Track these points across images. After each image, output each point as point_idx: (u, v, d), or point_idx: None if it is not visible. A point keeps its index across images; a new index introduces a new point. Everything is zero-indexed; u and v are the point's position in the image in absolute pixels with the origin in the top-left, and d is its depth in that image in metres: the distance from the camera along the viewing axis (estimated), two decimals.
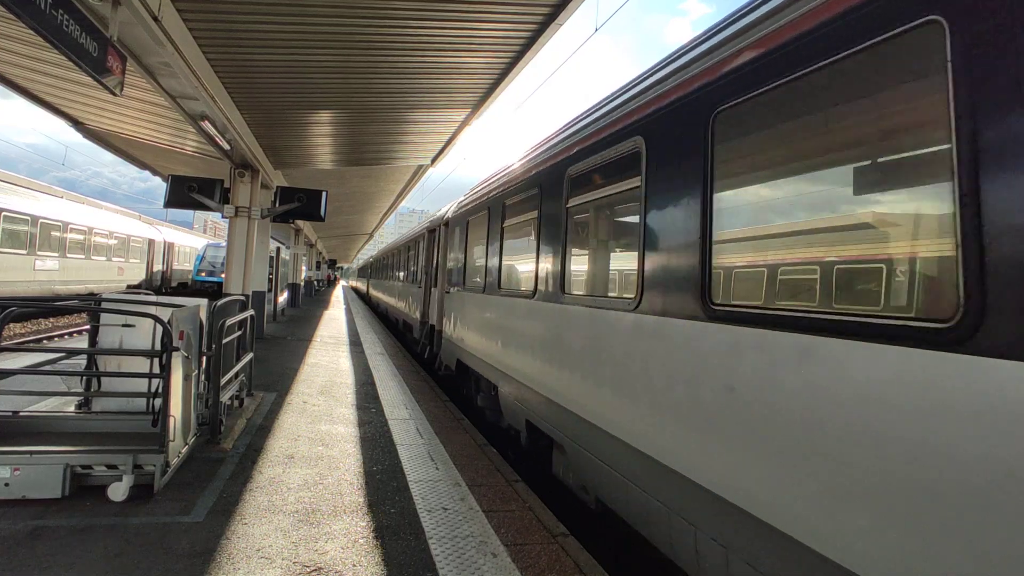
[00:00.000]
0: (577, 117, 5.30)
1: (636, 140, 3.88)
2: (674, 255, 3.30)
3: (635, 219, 3.85)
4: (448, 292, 9.93)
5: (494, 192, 7.52)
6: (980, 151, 1.79)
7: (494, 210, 7.38)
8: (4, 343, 4.68)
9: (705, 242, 3.02)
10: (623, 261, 4.60)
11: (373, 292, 34.03)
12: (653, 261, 3.53)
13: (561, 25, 7.45)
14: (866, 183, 2.46)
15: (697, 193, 3.12)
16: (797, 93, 2.66)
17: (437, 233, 12.16)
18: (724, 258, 3.09)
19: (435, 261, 12.12)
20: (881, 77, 2.33)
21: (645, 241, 3.63)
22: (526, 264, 6.17)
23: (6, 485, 4.04)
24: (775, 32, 2.75)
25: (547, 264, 5.38)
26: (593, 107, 4.97)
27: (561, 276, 5.07)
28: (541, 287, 5.50)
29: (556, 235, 5.18)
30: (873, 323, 2.08)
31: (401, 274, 18.62)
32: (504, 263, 7.01)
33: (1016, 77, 1.74)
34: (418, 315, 13.60)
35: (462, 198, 10.12)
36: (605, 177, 4.47)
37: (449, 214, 10.83)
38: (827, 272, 2.67)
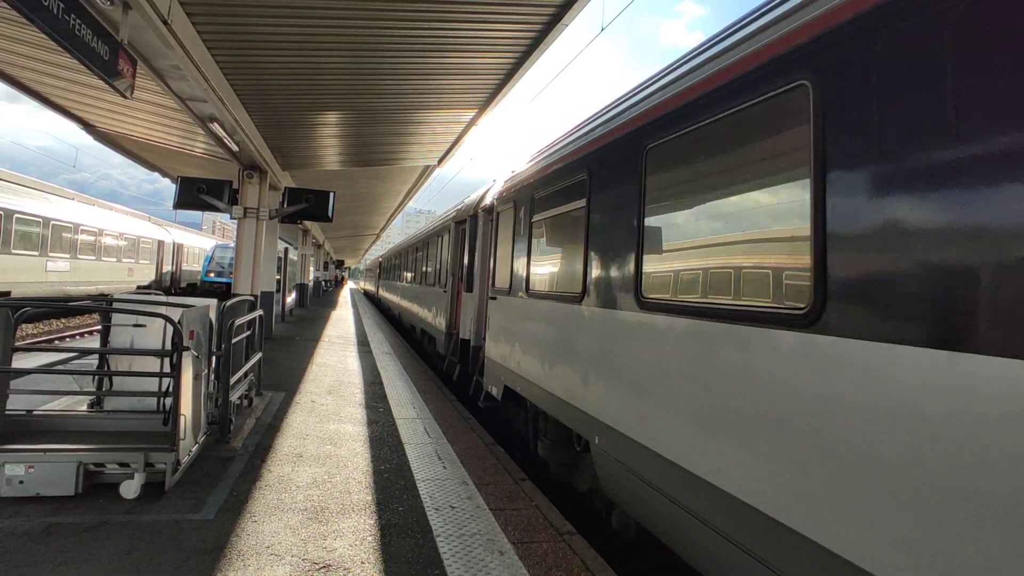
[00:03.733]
0: None
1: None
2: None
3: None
4: (493, 299, 7.70)
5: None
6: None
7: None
8: (17, 343, 4.75)
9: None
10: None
11: (385, 295, 30.72)
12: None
13: (567, 26, 7.45)
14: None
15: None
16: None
17: (468, 225, 10.23)
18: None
19: (466, 259, 10.24)
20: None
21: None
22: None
23: (21, 483, 4.11)
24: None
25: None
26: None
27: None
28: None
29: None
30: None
31: (419, 275, 16.36)
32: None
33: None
34: (443, 325, 11.60)
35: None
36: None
37: (491, 198, 8.63)
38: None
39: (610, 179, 4.50)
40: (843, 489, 2.24)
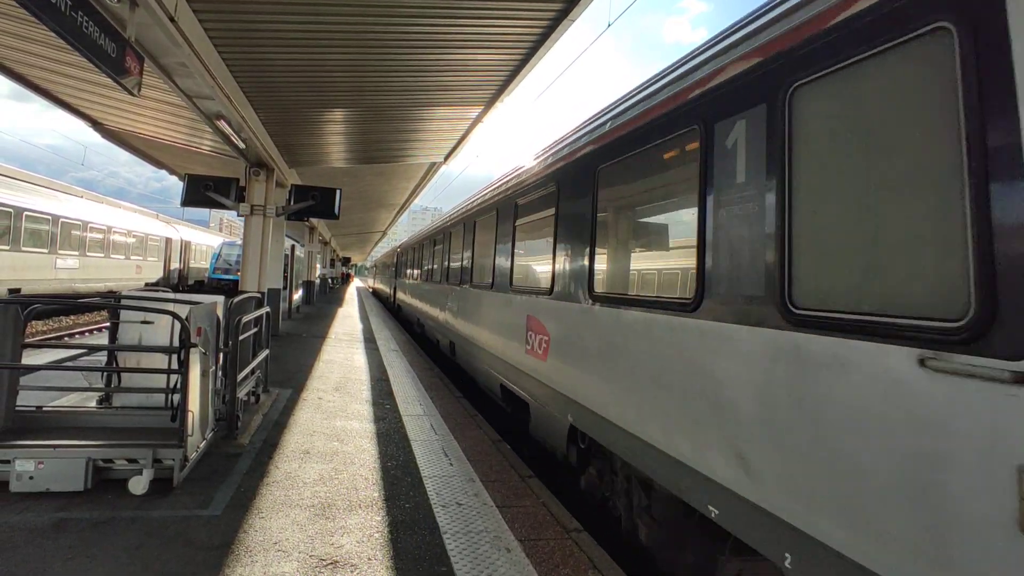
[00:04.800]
0: None
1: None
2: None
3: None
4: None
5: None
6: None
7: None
8: (27, 340, 4.78)
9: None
10: None
11: (405, 299, 21.81)
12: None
13: (573, 21, 7.42)
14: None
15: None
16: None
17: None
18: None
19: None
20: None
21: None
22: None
23: (31, 478, 4.14)
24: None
25: None
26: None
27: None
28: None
29: None
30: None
31: (482, 272, 8.85)
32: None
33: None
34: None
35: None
36: None
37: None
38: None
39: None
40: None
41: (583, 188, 5.11)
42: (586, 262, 4.90)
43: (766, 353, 2.81)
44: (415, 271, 18.61)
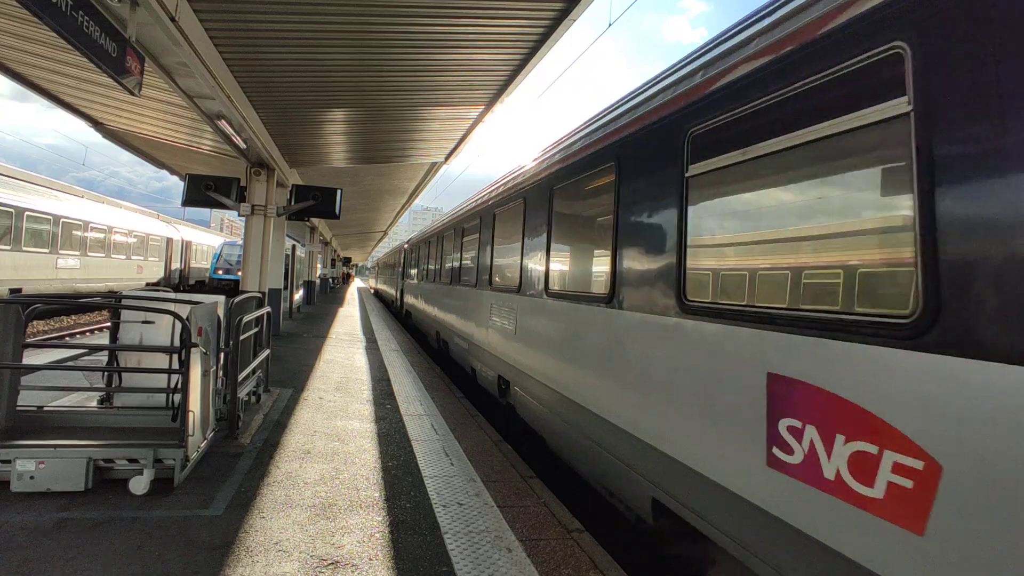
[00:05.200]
0: None
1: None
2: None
3: None
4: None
5: None
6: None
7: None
8: (28, 340, 4.78)
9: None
10: None
11: (417, 305, 17.23)
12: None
13: (575, 21, 7.41)
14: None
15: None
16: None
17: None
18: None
19: None
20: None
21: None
22: None
23: (31, 478, 4.14)
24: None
25: None
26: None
27: None
28: None
29: None
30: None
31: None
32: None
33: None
34: None
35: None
36: None
37: None
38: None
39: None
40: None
41: None
42: None
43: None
44: (435, 269, 13.99)
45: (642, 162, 4.21)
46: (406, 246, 22.06)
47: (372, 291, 54.88)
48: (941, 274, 2.10)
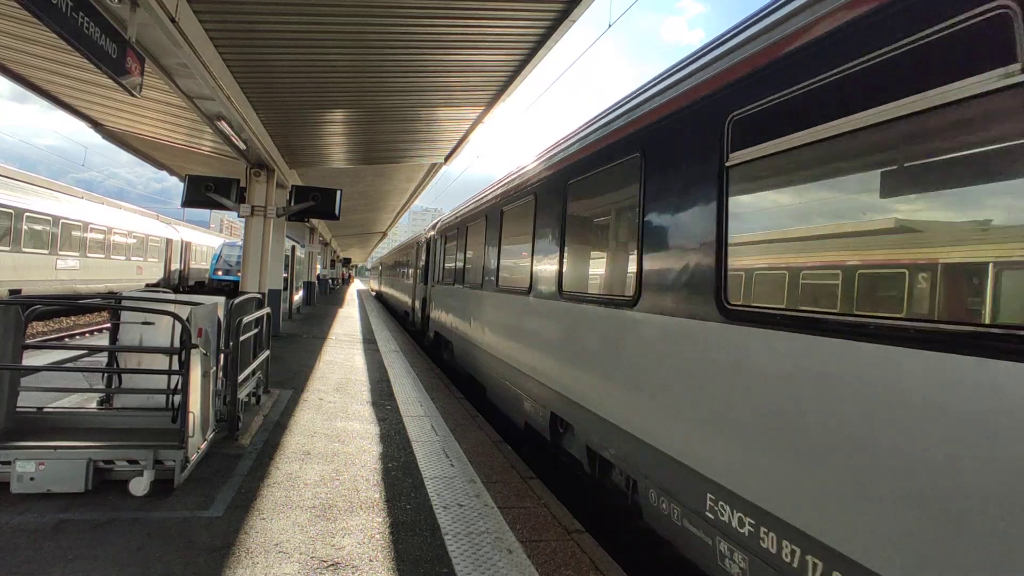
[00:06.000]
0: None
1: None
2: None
3: None
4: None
5: None
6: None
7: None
8: (28, 341, 4.78)
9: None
10: None
11: (457, 328, 10.77)
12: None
13: (575, 22, 7.42)
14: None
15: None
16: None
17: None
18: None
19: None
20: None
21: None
22: None
23: (31, 479, 4.13)
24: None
25: None
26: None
27: None
28: None
29: None
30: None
31: None
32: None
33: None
34: None
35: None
36: None
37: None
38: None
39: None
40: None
41: None
42: None
43: None
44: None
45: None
46: (431, 233, 15.04)
47: (373, 293, 51.69)
48: None
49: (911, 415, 2.18)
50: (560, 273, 5.63)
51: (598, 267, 5.43)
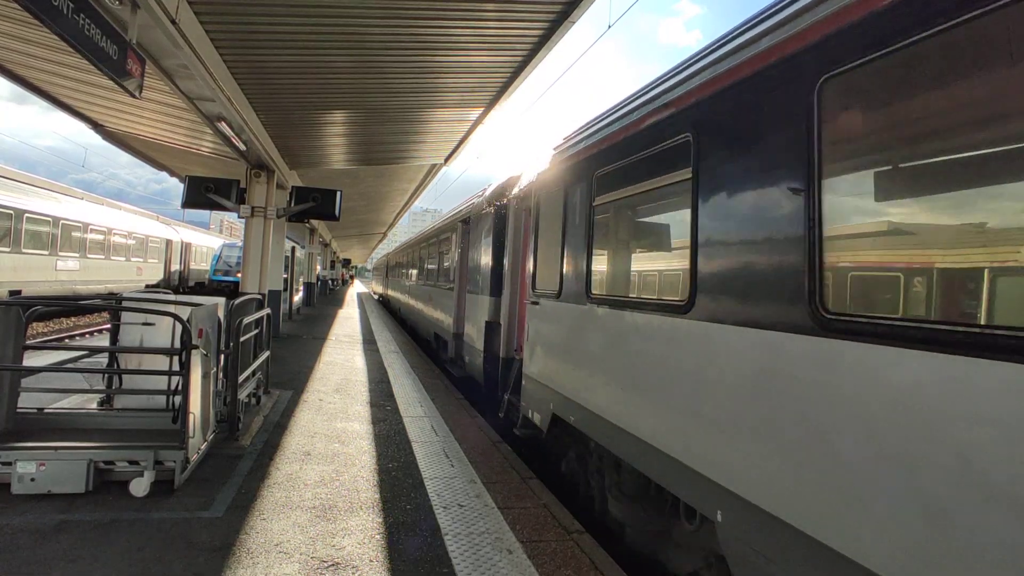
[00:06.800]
0: None
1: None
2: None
3: None
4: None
5: None
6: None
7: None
8: (28, 342, 4.79)
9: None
10: None
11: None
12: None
13: (574, 23, 7.43)
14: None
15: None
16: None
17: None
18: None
19: None
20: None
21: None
22: None
23: (32, 480, 4.14)
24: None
25: None
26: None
27: None
28: None
29: None
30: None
31: None
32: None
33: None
34: None
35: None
36: None
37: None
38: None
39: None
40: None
41: None
42: None
43: None
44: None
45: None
46: (506, 202, 8.31)
47: (376, 296, 47.35)
48: None
49: None
50: None
51: None
